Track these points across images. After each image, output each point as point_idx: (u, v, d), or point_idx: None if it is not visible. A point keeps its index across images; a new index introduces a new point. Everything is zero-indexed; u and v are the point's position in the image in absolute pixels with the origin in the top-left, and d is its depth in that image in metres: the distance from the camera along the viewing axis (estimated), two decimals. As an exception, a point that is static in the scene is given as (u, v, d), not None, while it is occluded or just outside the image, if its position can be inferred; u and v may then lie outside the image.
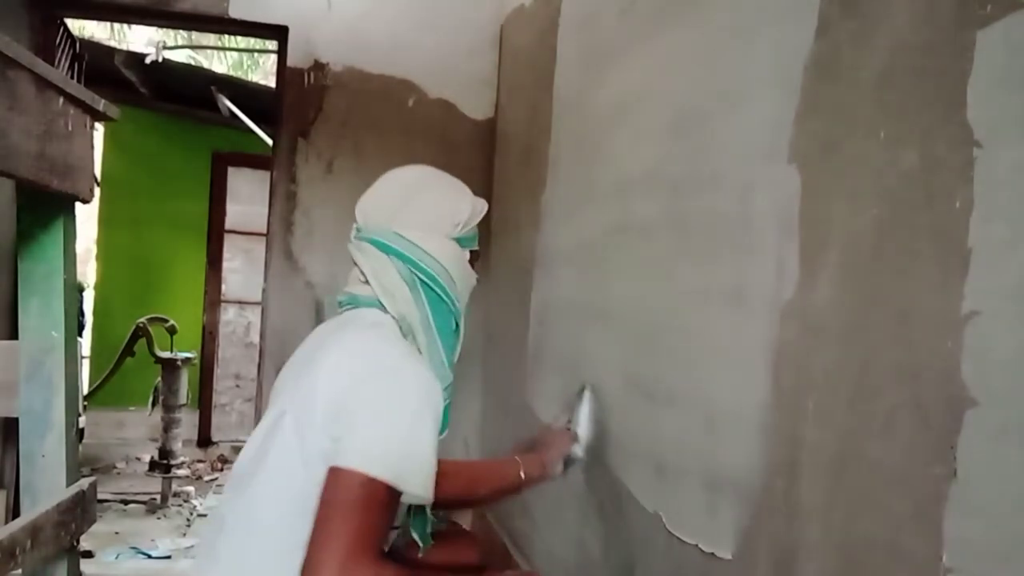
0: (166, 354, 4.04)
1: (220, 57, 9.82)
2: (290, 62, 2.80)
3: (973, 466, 0.74)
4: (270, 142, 3.57)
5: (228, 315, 5.44)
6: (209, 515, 3.60)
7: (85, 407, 4.24)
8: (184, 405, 4.02)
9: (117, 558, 3.14)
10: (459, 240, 1.23)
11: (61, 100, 1.29)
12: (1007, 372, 0.71)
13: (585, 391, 1.65)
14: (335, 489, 0.98)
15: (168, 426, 3.95)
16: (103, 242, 5.56)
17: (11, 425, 2.49)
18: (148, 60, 4.14)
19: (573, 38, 2.08)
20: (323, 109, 2.81)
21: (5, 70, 1.11)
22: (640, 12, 1.63)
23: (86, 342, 5.21)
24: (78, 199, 1.42)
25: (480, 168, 2.86)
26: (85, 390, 4.49)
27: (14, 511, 2.52)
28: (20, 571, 1.29)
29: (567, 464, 1.53)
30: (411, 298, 1.16)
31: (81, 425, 3.51)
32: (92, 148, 1.44)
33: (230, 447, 5.03)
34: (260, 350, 2.88)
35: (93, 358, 5.23)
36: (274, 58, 3.39)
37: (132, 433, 5.21)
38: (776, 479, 1.04)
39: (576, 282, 1.93)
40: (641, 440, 1.48)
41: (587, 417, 1.61)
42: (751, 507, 1.10)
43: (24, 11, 2.69)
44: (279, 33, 2.82)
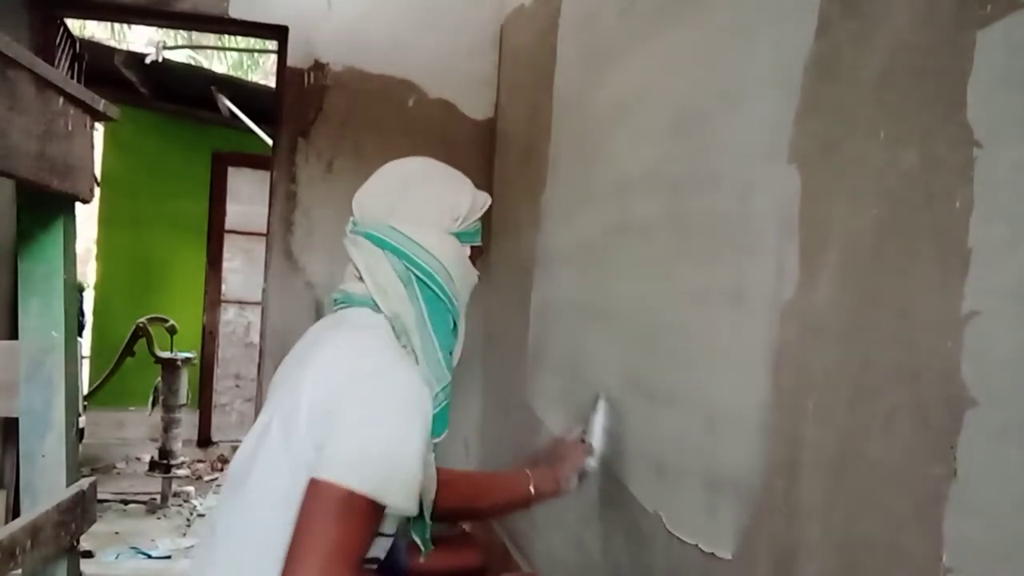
0: (166, 354, 4.04)
1: (220, 57, 9.82)
2: (290, 62, 2.80)
3: (973, 466, 0.74)
4: (270, 142, 3.57)
5: (228, 315, 5.45)
6: (205, 518, 3.61)
7: (85, 407, 4.24)
8: (184, 405, 4.02)
9: (117, 558, 3.14)
10: (458, 235, 1.17)
11: (61, 100, 1.29)
12: (1007, 372, 0.71)
13: (599, 401, 1.57)
14: (314, 501, 0.94)
15: (168, 426, 3.95)
16: (103, 242, 5.56)
17: (11, 425, 2.49)
18: (148, 60, 4.14)
19: (573, 38, 2.08)
20: (323, 109, 2.81)
21: (5, 70, 1.11)
22: (640, 12, 1.63)
23: (86, 342, 5.21)
24: (78, 199, 1.42)
25: (480, 168, 2.85)
26: (85, 390, 4.49)
27: (14, 511, 2.52)
28: (20, 571, 1.29)
29: (581, 478, 1.46)
30: (405, 295, 1.11)
31: (81, 425, 3.51)
32: (92, 148, 1.44)
33: (230, 447, 5.03)
34: (260, 350, 2.88)
35: (93, 358, 5.23)
36: (274, 58, 3.39)
37: (132, 433, 5.21)
38: (776, 479, 1.04)
39: (576, 282, 1.93)
40: (641, 440, 1.48)
41: (602, 428, 1.54)
42: (751, 507, 1.10)
43: (24, 11, 2.69)
44: (279, 33, 2.82)
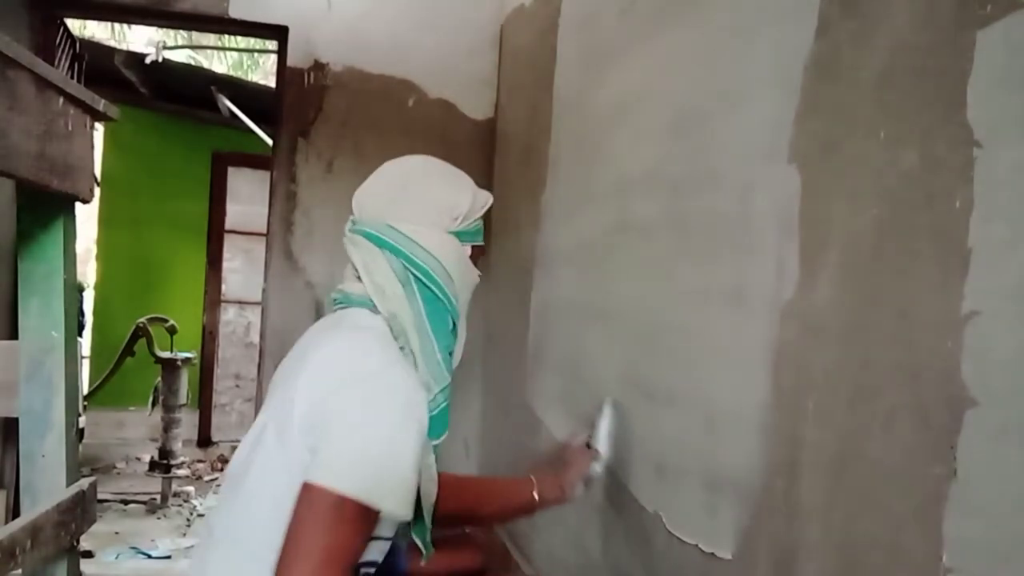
0: (166, 354, 4.05)
1: (220, 57, 9.82)
2: (290, 62, 2.80)
3: (973, 466, 0.74)
4: (270, 142, 3.57)
5: (228, 315, 5.45)
6: (204, 519, 3.60)
7: (85, 407, 4.24)
8: (184, 405, 4.03)
9: (117, 558, 3.14)
10: (458, 234, 1.15)
11: (61, 100, 1.29)
12: (1007, 372, 0.71)
13: (606, 405, 1.53)
14: (306, 506, 0.93)
15: (168, 426, 3.95)
16: (103, 242, 5.57)
17: (11, 425, 2.49)
18: (148, 60, 4.14)
19: (573, 38, 2.08)
20: (323, 109, 2.81)
21: (5, 70, 1.11)
22: (640, 12, 1.63)
23: (86, 342, 5.22)
24: (78, 199, 1.42)
25: (480, 168, 2.85)
26: (85, 390, 4.49)
27: (14, 511, 2.52)
28: (20, 571, 1.29)
29: (587, 484, 1.44)
30: (403, 295, 1.09)
31: (81, 425, 3.51)
32: (92, 148, 1.44)
33: (230, 447, 5.04)
34: (260, 350, 2.88)
35: (93, 358, 5.23)
36: (274, 58, 3.39)
37: (132, 433, 5.21)
38: (776, 479, 1.04)
39: (576, 282, 1.93)
40: (641, 440, 1.48)
41: (608, 433, 1.50)
42: (751, 507, 1.10)
43: (24, 11, 2.69)
44: (279, 33, 2.82)
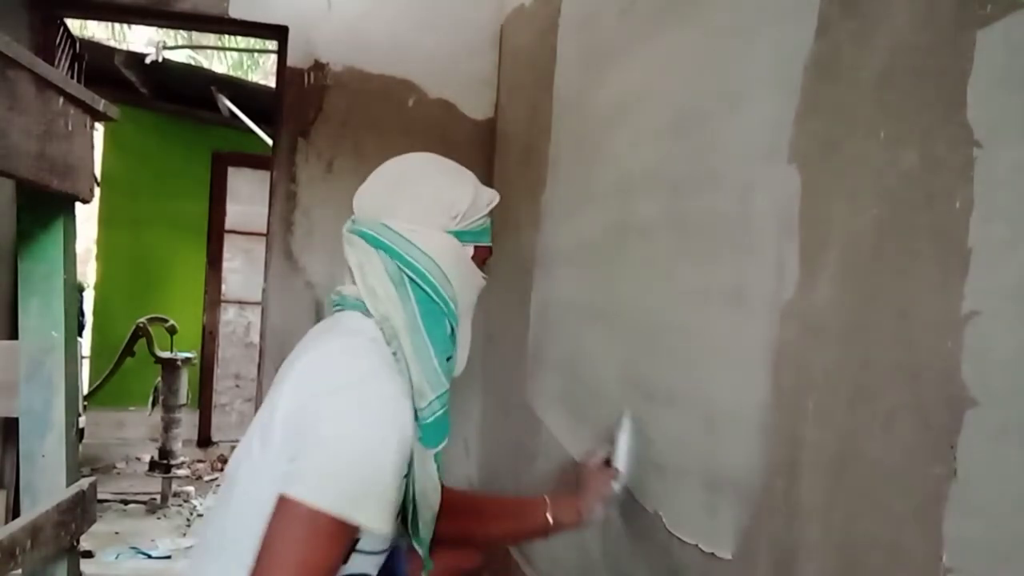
0: (166, 354, 4.05)
1: (220, 57, 9.82)
2: (290, 62, 2.80)
3: (973, 466, 0.74)
4: (270, 142, 3.57)
5: (228, 315, 5.45)
6: (202, 520, 3.60)
7: (85, 407, 4.24)
8: (184, 405, 4.03)
9: (117, 558, 3.14)
10: (458, 234, 1.09)
11: (61, 100, 1.29)
12: (1007, 372, 0.71)
13: (624, 419, 1.43)
14: (280, 518, 0.89)
15: (168, 426, 3.95)
16: (103, 242, 5.56)
17: (11, 425, 2.49)
18: (148, 60, 4.14)
19: (573, 38, 2.08)
20: (323, 109, 2.81)
21: (5, 70, 1.11)
22: (640, 12, 1.63)
23: (86, 342, 5.21)
24: (78, 199, 1.42)
25: (480, 168, 2.85)
26: (85, 390, 4.49)
27: (14, 511, 2.52)
28: (20, 571, 1.29)
29: (606, 505, 1.34)
30: (397, 297, 1.05)
31: (81, 425, 3.51)
32: (92, 148, 1.44)
33: (230, 447, 5.03)
34: (260, 350, 2.88)
35: (93, 358, 5.23)
36: (274, 58, 3.39)
37: (132, 433, 5.21)
38: (776, 479, 1.04)
39: (576, 282, 1.93)
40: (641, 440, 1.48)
41: (628, 450, 1.40)
42: (751, 507, 1.10)
43: (24, 11, 2.69)
44: (279, 33, 2.82)
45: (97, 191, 4.41)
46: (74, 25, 3.19)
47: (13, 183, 1.46)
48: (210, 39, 6.47)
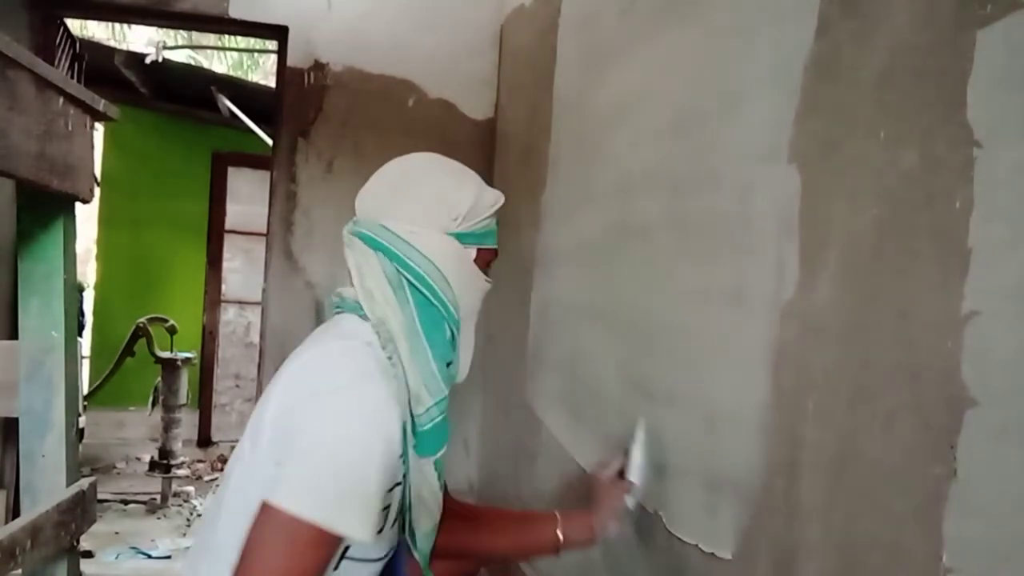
0: (166, 354, 4.04)
1: (220, 57, 9.82)
2: (290, 62, 2.80)
3: (973, 466, 0.74)
4: (270, 142, 3.57)
5: (228, 315, 5.45)
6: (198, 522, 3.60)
7: (85, 407, 4.24)
8: (184, 405, 4.02)
9: (117, 558, 3.14)
10: (460, 236, 1.06)
11: (61, 100, 1.29)
12: (1007, 372, 0.71)
13: (638, 430, 1.35)
14: (261, 525, 0.88)
15: (168, 426, 3.95)
16: (103, 242, 5.56)
17: (11, 425, 2.49)
18: (148, 60, 4.14)
19: (573, 38, 2.08)
20: (323, 109, 2.81)
21: (5, 70, 1.11)
22: (640, 12, 1.63)
23: (86, 342, 5.21)
24: (78, 199, 1.42)
25: (480, 168, 2.82)
26: (85, 390, 4.49)
27: (14, 511, 2.52)
28: (20, 571, 1.29)
29: (620, 521, 1.26)
30: (394, 300, 1.02)
31: (81, 425, 3.51)
32: (92, 148, 1.44)
33: (230, 447, 5.03)
34: (260, 350, 2.88)
35: (93, 358, 5.23)
36: (274, 58, 3.39)
37: (132, 433, 5.21)
38: (776, 479, 1.04)
39: (576, 282, 1.93)
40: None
41: (643, 462, 1.31)
42: (751, 507, 1.10)
43: (24, 11, 2.69)
44: (279, 33, 2.82)
45: (97, 191, 4.41)
46: (74, 25, 3.19)
47: (13, 183, 1.46)
48: (210, 39, 6.48)
